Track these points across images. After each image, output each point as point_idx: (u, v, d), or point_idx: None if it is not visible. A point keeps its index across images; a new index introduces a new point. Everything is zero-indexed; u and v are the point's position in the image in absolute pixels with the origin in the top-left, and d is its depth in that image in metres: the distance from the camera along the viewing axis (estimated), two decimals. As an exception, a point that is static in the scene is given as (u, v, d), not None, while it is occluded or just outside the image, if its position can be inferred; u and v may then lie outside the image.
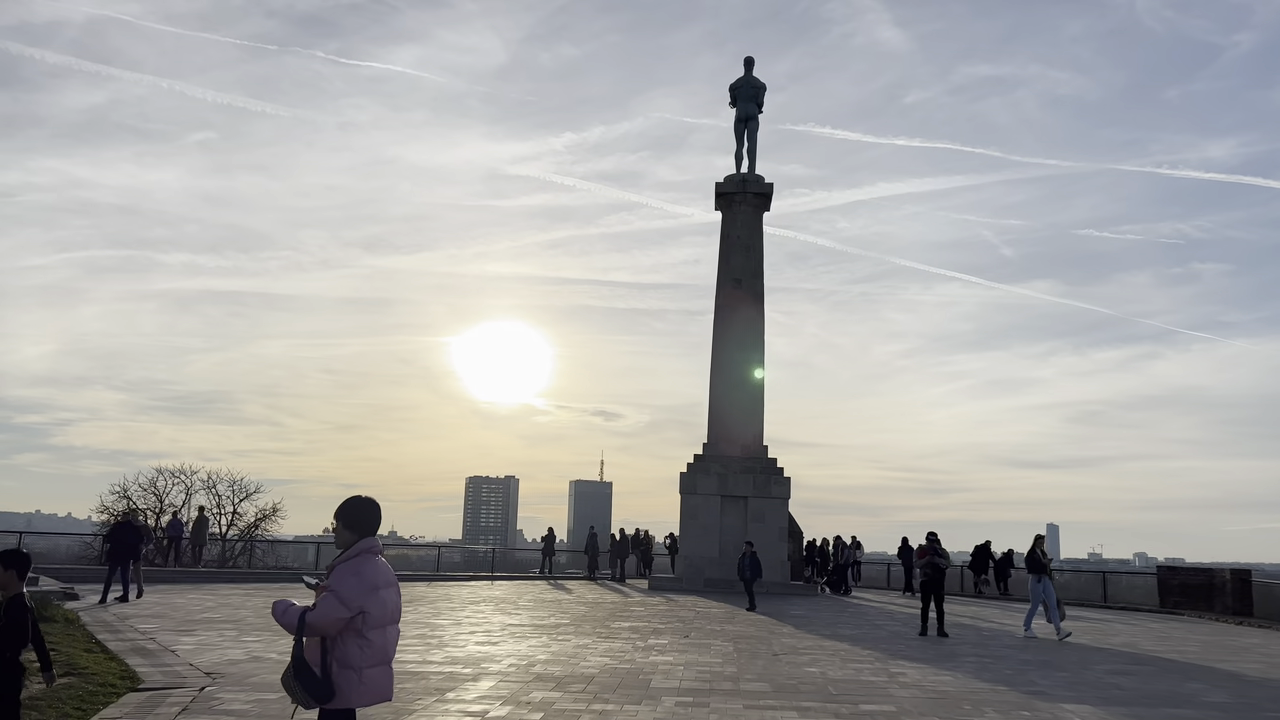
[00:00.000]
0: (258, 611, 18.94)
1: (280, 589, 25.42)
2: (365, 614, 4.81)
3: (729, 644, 15.76)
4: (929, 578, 17.86)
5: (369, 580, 4.87)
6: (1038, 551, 18.91)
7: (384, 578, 4.98)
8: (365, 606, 4.80)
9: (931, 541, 18.10)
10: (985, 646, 16.65)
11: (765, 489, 32.18)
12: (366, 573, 4.89)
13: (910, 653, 15.31)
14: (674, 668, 12.67)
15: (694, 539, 32.00)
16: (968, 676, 12.75)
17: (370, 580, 4.87)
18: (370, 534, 5.07)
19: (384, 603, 4.93)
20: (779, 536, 32.06)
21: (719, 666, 12.93)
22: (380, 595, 4.90)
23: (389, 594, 4.99)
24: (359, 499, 5.12)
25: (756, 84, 36.45)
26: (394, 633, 5.03)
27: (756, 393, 34.03)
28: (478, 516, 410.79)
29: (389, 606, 4.97)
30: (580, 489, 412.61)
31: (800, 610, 23.79)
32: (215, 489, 44.61)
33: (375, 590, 4.88)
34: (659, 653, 14.27)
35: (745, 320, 34.34)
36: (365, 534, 5.04)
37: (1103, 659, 15.48)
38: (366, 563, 4.95)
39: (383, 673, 4.94)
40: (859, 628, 19.49)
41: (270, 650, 13.17)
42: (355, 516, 5.04)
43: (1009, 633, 19.46)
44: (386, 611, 4.95)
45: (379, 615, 4.89)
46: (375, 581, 4.90)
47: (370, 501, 5.13)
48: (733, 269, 34.88)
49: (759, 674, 12.36)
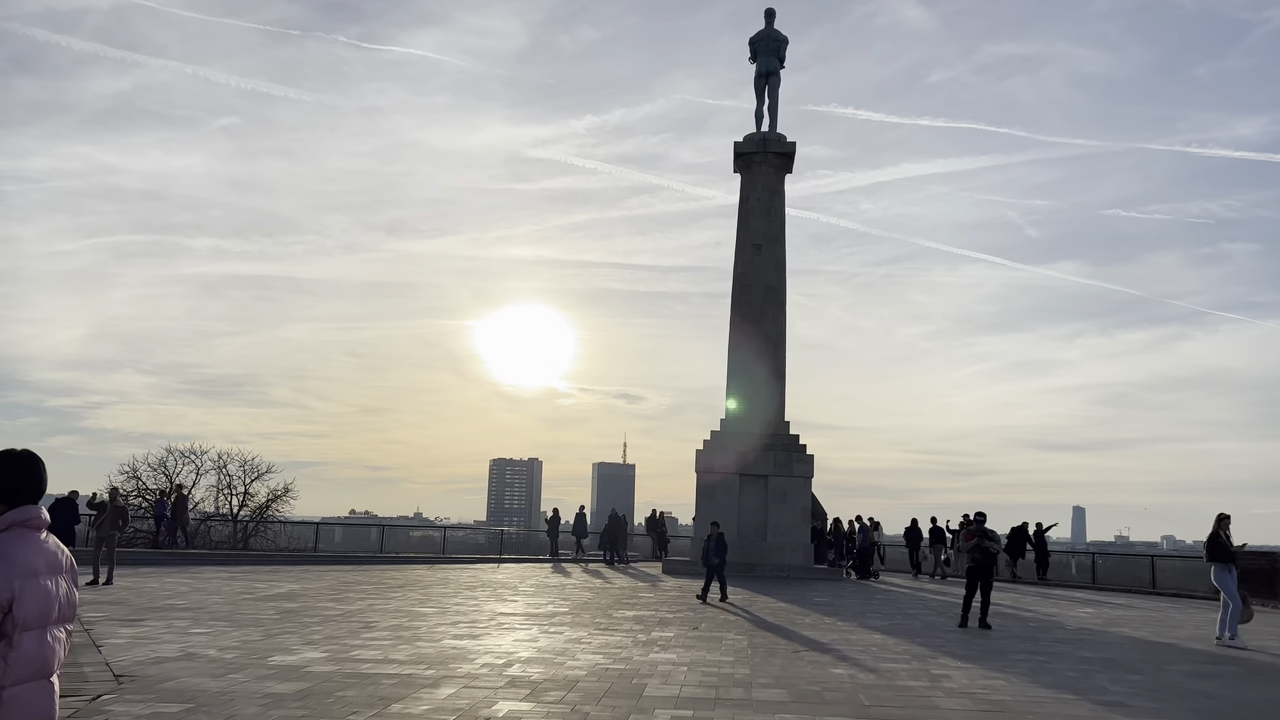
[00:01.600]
0: (230, 598, 17.31)
1: (274, 571, 23.86)
2: (14, 611, 3.10)
3: (743, 637, 13.88)
4: (977, 563, 15.78)
5: (21, 564, 3.11)
6: (1221, 535, 14.79)
7: (45, 560, 3.24)
8: (16, 598, 3.08)
9: (979, 522, 16.03)
10: (1035, 641, 14.65)
11: (787, 467, 30.20)
12: (15, 554, 3.12)
13: (951, 648, 13.36)
14: (676, 669, 10.80)
15: (710, 520, 30.03)
16: (1024, 680, 10.78)
17: (23, 564, 3.13)
18: (27, 502, 3.29)
19: (43, 595, 3.20)
20: (802, 517, 30.10)
21: (729, 667, 11.05)
22: (39, 585, 3.16)
23: (52, 583, 3.23)
24: (3, 455, 3.33)
25: (778, 37, 34.18)
26: (58, 637, 3.31)
27: (778, 366, 31.98)
28: (501, 498, 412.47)
29: (51, 600, 3.25)
30: (603, 471, 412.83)
31: (824, 597, 21.87)
32: (226, 469, 43.82)
33: (32, 578, 3.13)
34: (661, 649, 12.42)
35: (765, 288, 32.25)
36: (18, 503, 3.26)
37: (1175, 657, 13.44)
38: (17, 540, 3.16)
39: (37, 692, 3.20)
40: (889, 617, 17.55)
41: (212, 645, 11.46)
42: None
43: (1057, 623, 17.45)
44: (47, 607, 3.24)
45: (36, 612, 3.19)
46: (31, 566, 3.16)
47: (21, 458, 3.38)
48: (752, 233, 32.76)
49: (775, 677, 10.47)
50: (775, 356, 31.96)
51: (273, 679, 9.37)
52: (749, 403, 31.52)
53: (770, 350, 31.85)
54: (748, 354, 31.84)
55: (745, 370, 31.81)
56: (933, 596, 23.38)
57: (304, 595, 18.38)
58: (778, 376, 31.98)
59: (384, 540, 35.61)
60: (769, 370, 31.78)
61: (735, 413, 31.75)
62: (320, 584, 21.19)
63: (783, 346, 32.32)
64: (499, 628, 14.12)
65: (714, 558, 18.79)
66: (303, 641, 12.04)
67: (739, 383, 31.92)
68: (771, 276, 32.44)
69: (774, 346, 31.98)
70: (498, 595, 19.56)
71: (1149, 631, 16.66)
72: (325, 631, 13.07)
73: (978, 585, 15.81)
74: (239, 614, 14.84)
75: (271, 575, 23.50)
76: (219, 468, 43.67)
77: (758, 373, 31.66)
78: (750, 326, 31.98)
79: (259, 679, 9.35)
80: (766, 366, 31.75)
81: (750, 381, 31.68)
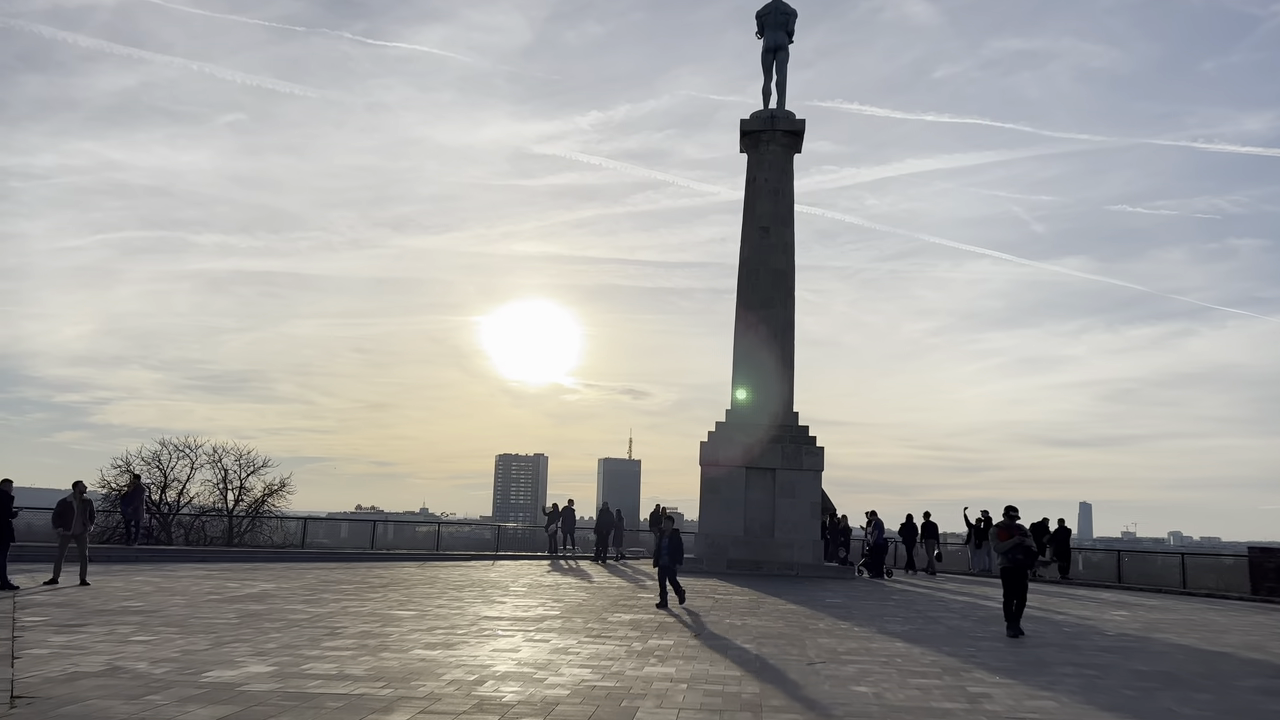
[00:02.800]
0: (194, 599, 15.92)
1: (254, 568, 22.48)
2: None
3: (751, 644, 12.45)
4: (1017, 564, 14.27)
5: None
6: None
7: None
8: None
9: (1011, 517, 14.54)
10: (1076, 650, 13.19)
11: (796, 460, 28.72)
12: None
13: (985, 659, 11.91)
14: (674, 686, 9.37)
15: (715, 515, 28.66)
16: (1077, 700, 9.31)
17: None
18: None
19: None
20: (811, 513, 28.64)
21: (735, 684, 9.61)
22: None
23: None
24: None
25: (786, 10, 32.62)
26: None
27: (786, 354, 30.49)
28: (508, 494, 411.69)
29: None
30: (609, 467, 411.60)
31: (837, 598, 20.42)
32: (221, 463, 42.65)
33: None
34: (659, 660, 10.99)
35: (773, 272, 30.73)
36: None
37: (1239, 670, 11.96)
38: None
39: None
40: (910, 621, 16.10)
41: (146, 656, 10.05)
42: None
43: (1093, 628, 15.99)
44: None
45: None
46: None
47: None
48: (759, 216, 31.24)
49: (789, 696, 9.03)
50: (783, 344, 30.46)
51: (196, 701, 7.96)
52: (756, 393, 30.05)
53: (778, 338, 30.36)
54: (754, 342, 30.36)
55: (752, 359, 30.33)
56: (952, 597, 21.92)
57: (275, 596, 17.01)
58: (786, 365, 30.49)
59: (375, 536, 34.17)
60: (777, 359, 30.29)
61: (741, 403, 30.28)
62: (298, 583, 19.82)
63: (791, 334, 30.83)
64: (478, 635, 12.70)
65: (664, 557, 16.97)
66: (253, 652, 10.65)
67: (745, 372, 30.44)
68: (779, 260, 30.94)
69: (782, 334, 30.48)
70: (485, 596, 18.15)
71: (1196, 638, 15.18)
72: (283, 639, 11.68)
73: (1014, 589, 14.30)
74: (195, 618, 13.46)
75: (251, 573, 22.14)
76: (214, 461, 42.58)
77: (765, 361, 30.18)
78: (757, 313, 30.49)
79: (180, 701, 7.94)
80: (774, 355, 30.27)
81: (757, 370, 30.20)
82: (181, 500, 42.92)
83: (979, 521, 31.49)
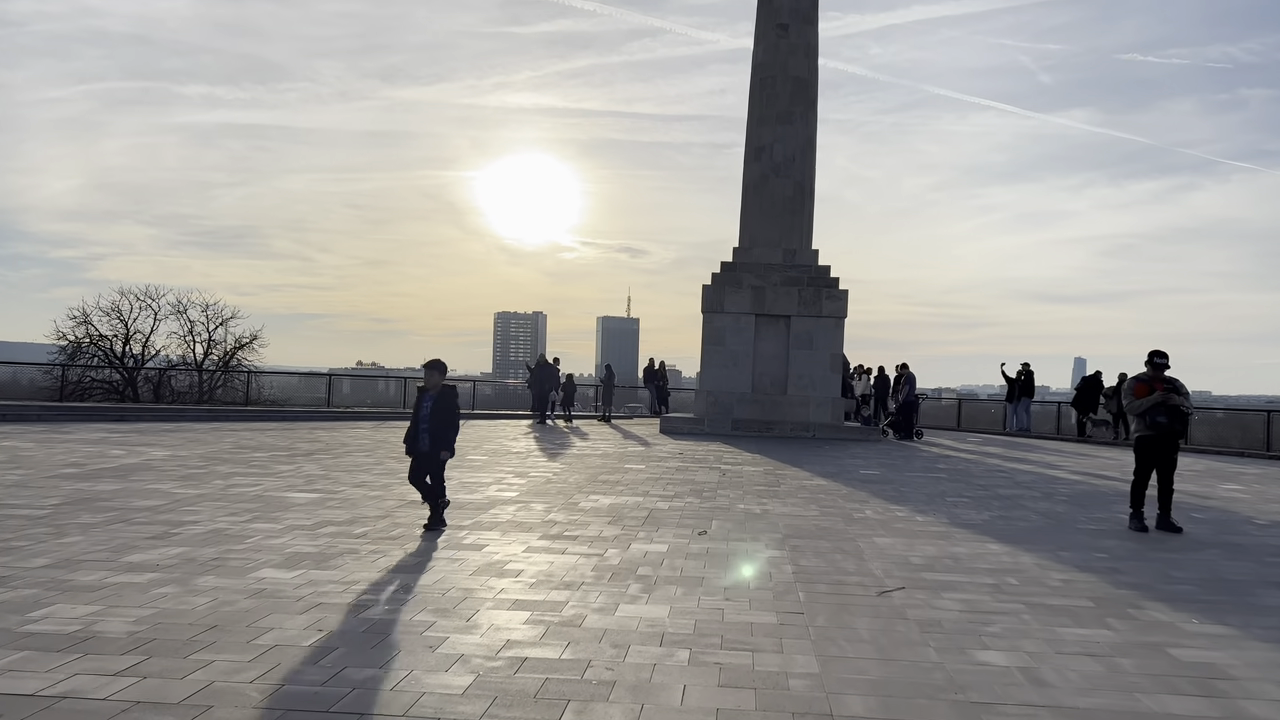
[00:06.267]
0: (36, 470, 11.91)
1: (176, 429, 18.54)
2: None
3: (781, 553, 8.45)
4: (1161, 431, 10.14)
5: None
6: None
7: None
8: None
9: (1158, 366, 10.19)
10: (1247, 554, 9.22)
11: (814, 306, 24.43)
12: None
13: (1134, 574, 7.91)
14: (667, 655, 5.32)
15: (719, 370, 24.60)
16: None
17: None
18: None
19: None
20: (831, 366, 24.59)
21: (769, 638, 5.55)
22: None
23: None
24: None
25: None
26: None
27: (805, 180, 25.69)
28: (507, 351, 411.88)
29: None
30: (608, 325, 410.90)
31: (871, 468, 16.46)
32: (186, 314, 39.16)
33: None
34: (643, 588, 6.97)
35: (793, 80, 25.54)
36: None
37: None
38: None
39: None
40: (984, 505, 12.12)
41: None
42: None
43: (1227, 510, 12.06)
44: None
45: None
46: None
47: None
48: (776, 10, 25.74)
49: (875, 680, 5.00)
50: (802, 167, 25.60)
51: None
52: (768, 228, 25.44)
53: (796, 160, 25.47)
54: (769, 166, 25.50)
55: (764, 185, 25.54)
56: (1004, 463, 18.01)
57: (153, 468, 13.03)
58: (805, 194, 25.73)
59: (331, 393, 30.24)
60: (794, 185, 25.52)
61: (751, 241, 25.73)
62: (204, 449, 15.89)
63: (812, 155, 25.90)
64: (383, 538, 8.68)
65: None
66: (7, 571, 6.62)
67: (756, 201, 25.71)
68: (800, 66, 25.67)
69: (801, 154, 25.56)
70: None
71: (1372, 527, 11.24)
72: (76, 546, 7.65)
73: (1156, 464, 10.22)
74: (4, 502, 9.47)
75: (162, 435, 18.24)
76: (179, 312, 38.95)
77: (780, 190, 25.43)
78: (772, 130, 25.45)
79: None
80: (791, 181, 25.48)
81: (770, 199, 25.48)
82: (147, 354, 39.47)
83: (1020, 374, 27.78)
